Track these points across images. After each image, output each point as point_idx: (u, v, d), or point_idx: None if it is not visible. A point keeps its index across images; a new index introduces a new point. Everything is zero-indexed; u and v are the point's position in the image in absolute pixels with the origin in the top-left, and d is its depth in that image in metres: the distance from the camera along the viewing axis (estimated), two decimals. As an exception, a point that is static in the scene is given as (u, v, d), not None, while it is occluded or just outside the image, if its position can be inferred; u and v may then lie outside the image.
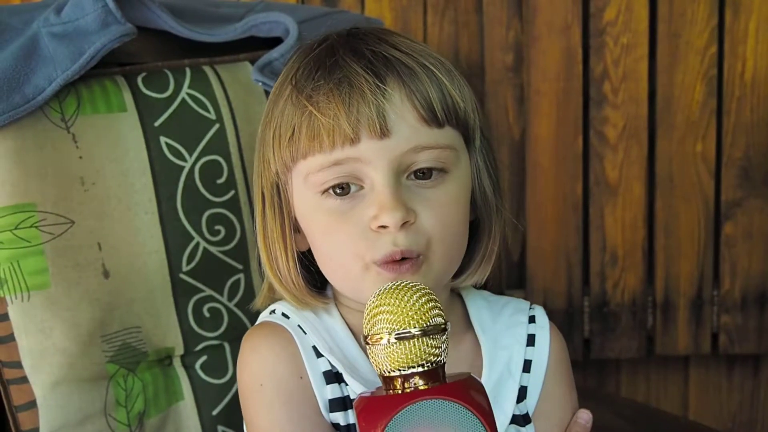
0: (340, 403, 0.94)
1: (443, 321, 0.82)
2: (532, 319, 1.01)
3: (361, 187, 0.91)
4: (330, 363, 0.94)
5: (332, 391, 0.94)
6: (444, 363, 0.82)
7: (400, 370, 0.80)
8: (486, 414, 0.78)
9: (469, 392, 0.79)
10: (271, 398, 0.93)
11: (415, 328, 0.80)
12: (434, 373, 0.80)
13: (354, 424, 0.93)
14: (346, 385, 0.94)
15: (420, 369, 0.80)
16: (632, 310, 1.75)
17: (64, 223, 1.10)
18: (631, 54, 1.69)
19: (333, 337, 0.96)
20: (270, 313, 0.99)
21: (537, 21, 1.68)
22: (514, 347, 0.99)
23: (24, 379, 1.09)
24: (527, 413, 0.98)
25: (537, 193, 1.73)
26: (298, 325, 0.96)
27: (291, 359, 0.94)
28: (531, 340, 1.00)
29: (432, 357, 0.80)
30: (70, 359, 1.09)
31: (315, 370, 0.94)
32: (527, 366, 0.99)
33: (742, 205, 1.73)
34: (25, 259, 1.08)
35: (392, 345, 0.80)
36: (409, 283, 0.83)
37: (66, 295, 1.09)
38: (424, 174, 0.91)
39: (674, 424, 1.48)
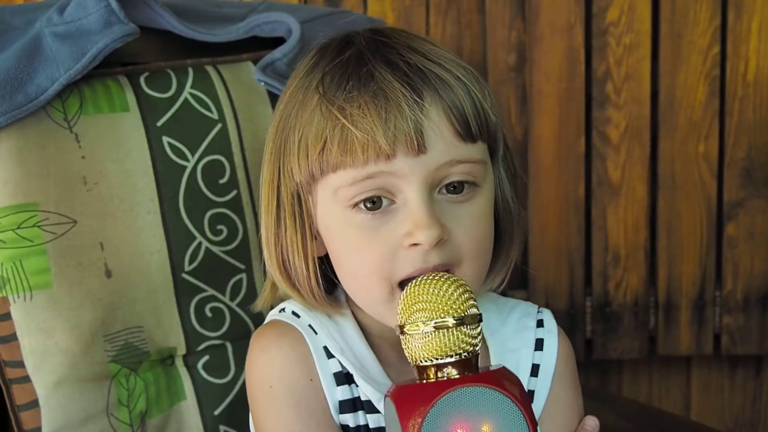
0: (350, 405, 0.93)
1: (478, 312, 0.82)
2: (540, 323, 1.00)
3: (393, 202, 0.88)
4: (341, 364, 0.93)
5: (342, 392, 0.93)
6: (478, 353, 0.82)
7: (435, 359, 0.80)
8: (524, 403, 0.78)
9: (506, 381, 0.79)
10: (281, 400, 0.92)
11: (451, 317, 0.80)
12: (468, 363, 0.81)
13: (364, 426, 0.93)
14: (357, 386, 0.93)
15: (455, 358, 0.80)
16: (634, 310, 1.76)
17: (66, 222, 1.10)
18: (634, 54, 1.69)
19: (344, 338, 0.95)
20: (280, 312, 0.98)
21: (540, 21, 1.68)
22: (522, 351, 0.98)
23: (26, 379, 1.09)
24: (534, 418, 0.98)
25: (539, 193, 1.73)
26: (309, 325, 0.95)
27: (301, 360, 0.93)
28: (539, 345, 0.99)
29: (467, 347, 0.81)
30: (72, 359, 1.09)
31: (325, 371, 0.93)
32: (535, 370, 0.98)
33: (744, 206, 1.73)
34: (27, 259, 1.08)
35: (428, 334, 0.80)
36: (444, 275, 0.83)
37: (68, 295, 1.09)
38: (455, 188, 0.89)
39: (676, 424, 1.48)
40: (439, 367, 0.80)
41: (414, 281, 0.83)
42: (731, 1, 1.68)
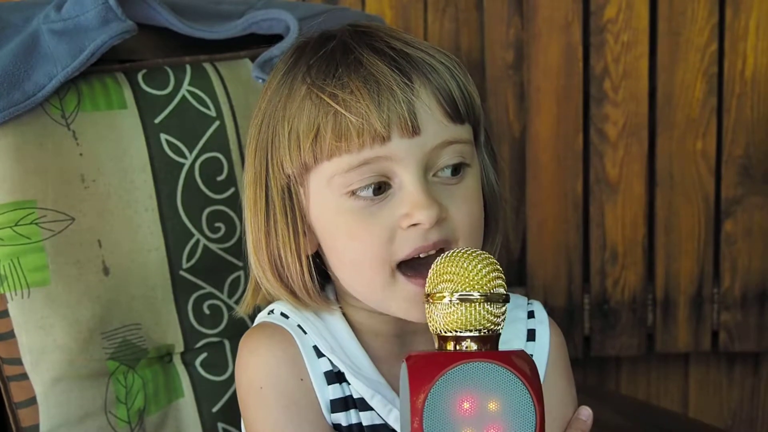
0: (342, 404, 0.93)
1: (505, 293, 0.82)
2: (530, 315, 1.01)
3: (389, 186, 0.89)
4: (331, 363, 0.93)
5: (334, 391, 0.93)
6: (500, 334, 0.82)
7: (455, 332, 0.81)
8: (535, 388, 0.78)
9: (521, 363, 0.79)
10: (271, 401, 0.92)
11: (477, 292, 0.80)
12: (488, 340, 0.81)
13: (356, 424, 0.93)
14: (348, 384, 0.93)
15: (475, 333, 0.80)
16: (632, 307, 1.76)
17: (64, 220, 1.10)
18: (632, 51, 1.69)
19: (334, 336, 0.95)
20: (268, 314, 0.98)
21: (537, 18, 1.68)
22: (514, 342, 0.98)
23: (24, 376, 1.09)
24: (528, 408, 0.98)
25: (537, 190, 1.73)
26: (298, 325, 0.95)
27: (291, 361, 0.93)
28: (531, 335, 1.00)
29: (489, 324, 0.81)
30: (70, 356, 1.09)
31: (316, 370, 0.93)
32: None
33: (742, 203, 1.73)
34: (25, 256, 1.08)
35: (453, 305, 0.80)
36: (476, 251, 0.83)
37: (66, 292, 1.09)
38: (455, 170, 0.90)
39: (674, 421, 1.48)
40: (458, 340, 0.81)
41: (446, 254, 0.83)
42: (729, -2, 1.68)
